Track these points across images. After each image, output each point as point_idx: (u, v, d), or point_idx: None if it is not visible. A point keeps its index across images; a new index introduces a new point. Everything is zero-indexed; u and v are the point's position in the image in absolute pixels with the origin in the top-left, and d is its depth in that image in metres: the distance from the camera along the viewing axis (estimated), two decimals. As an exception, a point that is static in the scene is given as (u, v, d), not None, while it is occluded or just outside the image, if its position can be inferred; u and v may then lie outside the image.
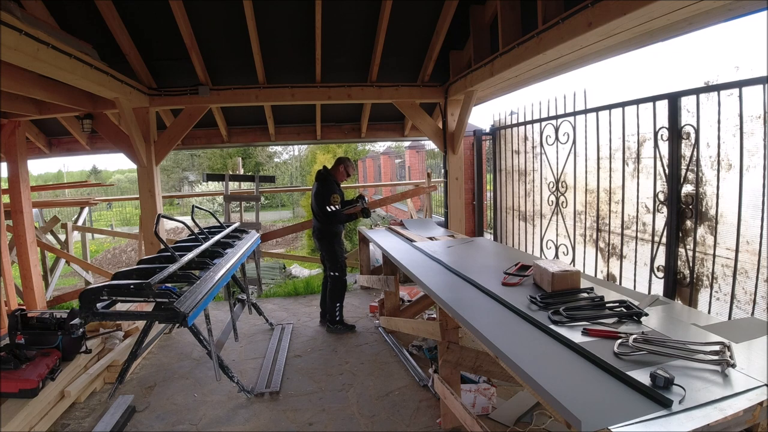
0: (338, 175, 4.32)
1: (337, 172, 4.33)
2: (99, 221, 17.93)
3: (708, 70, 2.53)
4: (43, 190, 7.88)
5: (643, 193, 3.00)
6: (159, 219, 3.32)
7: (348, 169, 4.34)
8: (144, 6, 3.66)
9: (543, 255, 4.17)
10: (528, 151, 4.38)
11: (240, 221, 5.80)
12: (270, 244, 8.20)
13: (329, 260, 4.38)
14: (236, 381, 3.11)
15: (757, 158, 2.29)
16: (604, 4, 2.28)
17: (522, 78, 3.83)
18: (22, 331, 2.95)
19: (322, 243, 4.39)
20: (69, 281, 9.10)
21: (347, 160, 4.34)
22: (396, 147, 17.61)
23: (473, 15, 4.00)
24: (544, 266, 2.53)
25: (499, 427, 2.64)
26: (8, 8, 2.22)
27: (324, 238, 4.35)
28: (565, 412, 1.40)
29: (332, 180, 4.29)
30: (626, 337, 1.79)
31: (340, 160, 4.33)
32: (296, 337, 4.27)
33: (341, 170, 4.32)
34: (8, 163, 4.27)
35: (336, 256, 4.35)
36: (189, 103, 4.47)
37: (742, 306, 2.41)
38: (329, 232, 4.32)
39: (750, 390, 1.44)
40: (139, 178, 4.49)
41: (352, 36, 4.35)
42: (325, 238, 4.34)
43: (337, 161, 4.34)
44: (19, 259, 4.41)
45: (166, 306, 2.50)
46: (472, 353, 2.52)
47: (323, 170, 4.33)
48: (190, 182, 24.36)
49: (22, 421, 2.55)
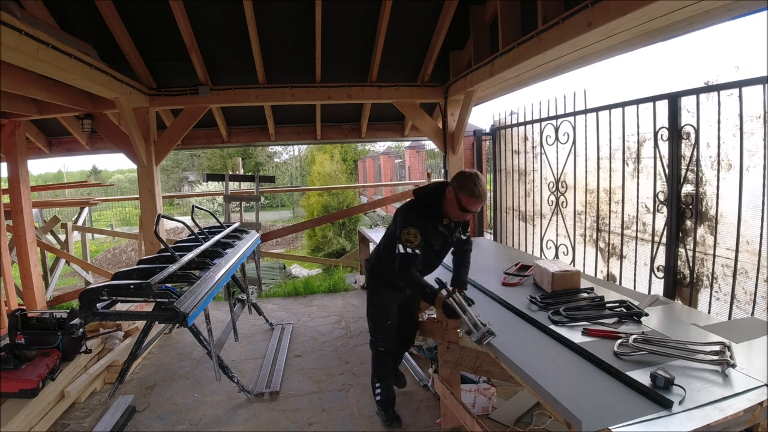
0: (447, 203, 2.31)
1: (446, 197, 2.32)
2: (99, 221, 17.93)
3: (708, 70, 2.53)
4: (43, 190, 7.88)
5: (643, 193, 3.00)
6: (159, 219, 3.32)
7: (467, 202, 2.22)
8: (144, 6, 3.65)
9: (543, 255, 4.17)
10: (528, 151, 4.38)
11: (240, 221, 5.79)
12: (270, 244, 8.20)
13: (367, 316, 2.81)
14: (236, 381, 3.11)
15: (757, 158, 2.29)
16: (604, 4, 2.28)
17: (522, 78, 3.83)
18: (22, 331, 2.94)
19: (367, 285, 2.81)
20: (69, 281, 9.09)
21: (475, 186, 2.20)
22: (396, 147, 17.62)
23: (473, 15, 4.00)
24: (544, 266, 2.54)
25: (499, 427, 2.64)
26: (8, 8, 2.22)
27: (371, 279, 2.73)
28: (565, 412, 1.40)
29: (430, 206, 2.37)
30: (626, 337, 1.79)
31: (461, 180, 2.24)
32: (296, 337, 4.27)
33: (451, 197, 2.27)
34: (8, 163, 4.27)
35: (374, 314, 2.73)
36: (189, 103, 4.46)
37: (742, 306, 2.41)
38: (378, 277, 2.66)
39: (750, 390, 1.44)
40: (139, 178, 4.48)
41: (352, 36, 4.34)
42: (373, 280, 2.70)
43: (457, 178, 2.27)
44: (19, 259, 4.41)
45: (166, 306, 2.49)
46: (472, 353, 2.52)
47: (427, 188, 2.47)
48: (190, 182, 24.34)
49: (22, 421, 2.54)
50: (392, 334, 2.72)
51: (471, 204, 2.22)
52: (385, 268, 2.53)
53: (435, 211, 2.35)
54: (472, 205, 2.23)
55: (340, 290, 5.86)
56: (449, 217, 2.35)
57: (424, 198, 2.41)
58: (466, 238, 2.58)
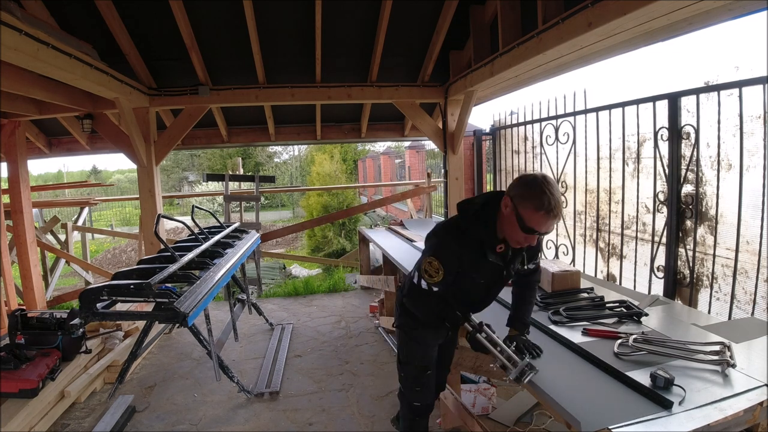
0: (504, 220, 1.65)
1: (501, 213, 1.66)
2: (99, 221, 17.92)
3: (708, 70, 2.53)
4: (43, 190, 7.88)
5: (643, 193, 3.00)
6: (159, 219, 3.32)
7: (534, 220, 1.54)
8: (144, 6, 3.65)
9: (543, 255, 4.17)
10: (528, 151, 4.38)
11: (240, 221, 5.79)
12: (270, 244, 8.20)
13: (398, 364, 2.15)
14: (236, 381, 3.11)
15: (757, 158, 2.29)
16: (604, 4, 2.28)
17: (522, 78, 3.83)
18: (22, 331, 2.94)
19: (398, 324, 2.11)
20: (69, 281, 9.09)
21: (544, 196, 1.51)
22: (396, 147, 17.61)
23: (473, 15, 4.00)
24: (544, 266, 2.53)
25: (499, 427, 2.64)
26: (8, 8, 2.22)
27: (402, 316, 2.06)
28: (564, 412, 1.40)
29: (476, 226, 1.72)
30: (626, 338, 1.79)
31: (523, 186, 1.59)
32: (296, 337, 4.27)
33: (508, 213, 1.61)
34: (8, 163, 4.27)
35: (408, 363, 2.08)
36: (189, 103, 4.46)
37: (742, 306, 2.41)
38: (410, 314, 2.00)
39: (750, 390, 1.44)
40: (139, 178, 4.48)
41: (352, 36, 4.34)
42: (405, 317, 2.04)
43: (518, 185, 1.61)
44: (19, 259, 4.41)
45: (166, 306, 2.49)
46: (472, 353, 2.52)
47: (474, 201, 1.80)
48: (190, 182, 24.34)
49: (22, 421, 2.54)
50: (432, 384, 2.11)
51: (538, 222, 1.54)
52: (405, 295, 1.99)
53: (484, 234, 1.69)
54: (539, 224, 1.54)
55: (340, 290, 5.86)
56: (507, 241, 1.69)
57: (472, 216, 1.72)
58: (535, 266, 1.89)
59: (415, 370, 2.06)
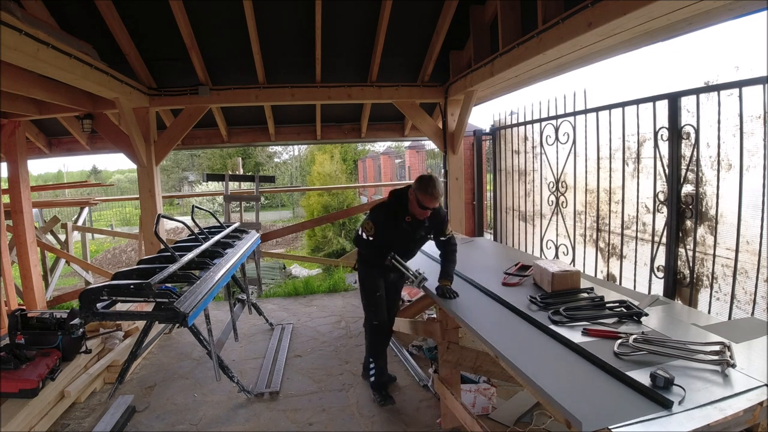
0: (410, 203, 2.76)
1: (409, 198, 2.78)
2: (99, 221, 17.92)
3: (708, 70, 2.53)
4: (43, 190, 7.88)
5: (643, 193, 3.00)
6: (159, 219, 3.32)
7: (422, 198, 2.67)
8: (144, 6, 3.66)
9: (543, 255, 4.17)
10: (528, 151, 4.38)
11: (240, 221, 5.79)
12: (270, 244, 8.19)
13: (361, 294, 3.21)
14: (236, 381, 3.11)
15: (757, 158, 2.29)
16: (604, 4, 2.28)
17: (522, 78, 3.83)
18: (22, 331, 2.94)
19: (357, 267, 3.17)
20: (69, 281, 9.09)
21: (428, 186, 2.66)
22: (396, 147, 17.62)
23: (473, 15, 4.00)
24: (544, 266, 2.53)
25: (499, 427, 2.64)
26: (8, 8, 2.22)
27: (359, 263, 3.14)
28: (565, 412, 1.40)
29: (396, 204, 2.85)
30: (626, 337, 1.78)
31: (420, 182, 2.70)
32: (296, 337, 4.27)
33: (412, 198, 2.73)
34: (8, 163, 4.27)
35: (365, 290, 3.11)
36: (189, 103, 4.46)
37: (742, 306, 2.41)
38: (360, 255, 3.13)
39: (750, 390, 1.44)
40: (139, 178, 4.49)
41: (352, 36, 4.35)
42: (360, 263, 3.12)
43: (416, 181, 2.73)
44: (19, 259, 4.41)
45: (166, 306, 2.49)
46: (472, 353, 2.52)
47: (398, 190, 2.93)
48: (190, 182, 24.34)
49: (22, 421, 2.55)
50: (383, 305, 3.08)
51: (426, 200, 2.66)
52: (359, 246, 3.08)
53: (399, 209, 2.81)
54: (427, 202, 2.66)
55: (340, 290, 5.87)
56: (414, 215, 2.77)
57: (394, 199, 2.87)
58: (446, 238, 2.87)
59: (368, 293, 3.07)
